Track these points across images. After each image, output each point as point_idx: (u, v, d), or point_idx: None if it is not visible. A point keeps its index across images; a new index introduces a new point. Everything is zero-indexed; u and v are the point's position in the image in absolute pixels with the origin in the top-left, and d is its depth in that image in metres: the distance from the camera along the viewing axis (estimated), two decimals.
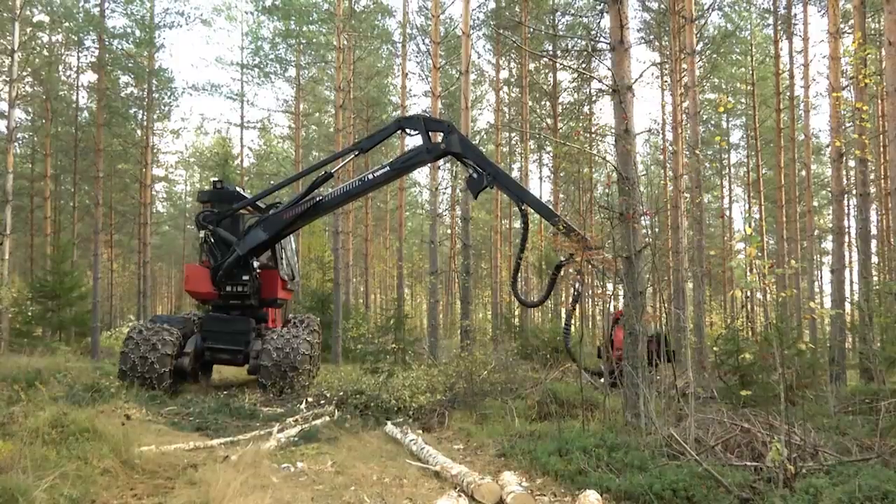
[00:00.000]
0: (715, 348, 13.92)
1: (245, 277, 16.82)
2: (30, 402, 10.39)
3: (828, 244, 46.10)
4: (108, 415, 11.02)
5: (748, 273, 7.68)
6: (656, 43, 36.62)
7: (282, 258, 18.24)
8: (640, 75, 11.36)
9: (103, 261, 37.32)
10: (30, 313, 29.39)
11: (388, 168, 15.92)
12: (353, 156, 17.16)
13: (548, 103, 39.38)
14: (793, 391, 12.08)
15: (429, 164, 18.49)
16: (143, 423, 11.53)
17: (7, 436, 8.34)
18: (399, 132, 17.00)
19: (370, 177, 16.02)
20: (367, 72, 37.71)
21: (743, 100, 39.96)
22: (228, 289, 16.92)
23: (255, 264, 17.15)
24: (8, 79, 31.85)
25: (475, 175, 14.92)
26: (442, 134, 15.43)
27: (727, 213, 47.97)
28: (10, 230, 28.19)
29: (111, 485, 7.39)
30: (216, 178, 18.89)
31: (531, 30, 32.54)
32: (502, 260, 38.40)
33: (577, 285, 13.64)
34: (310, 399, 14.89)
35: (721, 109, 11.38)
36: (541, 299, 17.25)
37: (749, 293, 19.29)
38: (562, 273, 14.21)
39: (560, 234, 13.54)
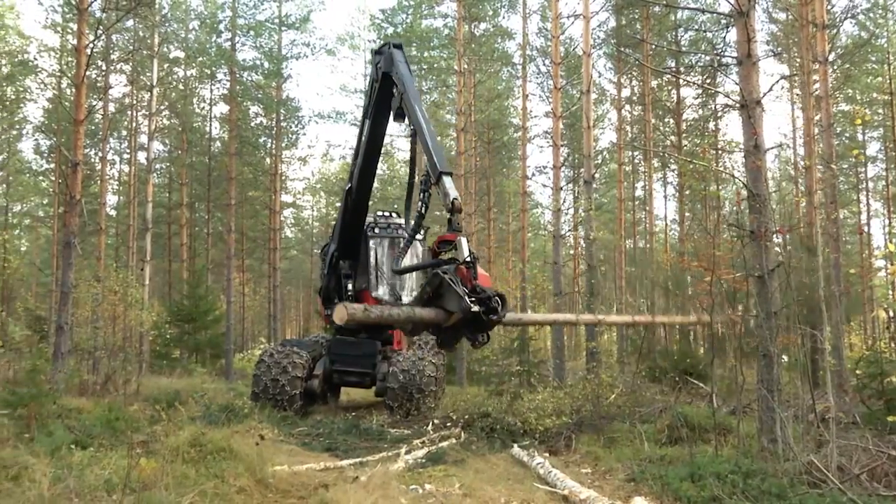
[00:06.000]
0: (857, 371, 13.23)
1: (335, 301, 16.91)
2: (170, 422, 10.80)
3: None
4: (243, 435, 11.33)
5: (892, 292, 7.29)
6: (784, 55, 35.39)
7: (376, 278, 17.81)
8: (770, 89, 11.00)
9: (235, 285, 38.59)
10: (168, 336, 30.57)
11: (364, 119, 15.63)
12: (367, 122, 15.69)
13: (671, 120, 38.56)
14: None
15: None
16: (276, 443, 11.82)
17: (150, 454, 8.74)
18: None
19: (362, 139, 15.76)
20: (487, 95, 37.87)
21: (880, 110, 38.08)
22: (328, 313, 17.29)
23: (349, 286, 17.32)
24: (148, 113, 33.77)
25: (395, 92, 13.88)
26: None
27: (865, 229, 45.71)
28: (150, 256, 29.66)
29: (247, 503, 7.59)
30: None
31: (653, 47, 32.00)
32: (626, 281, 37.66)
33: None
34: (436, 421, 14.88)
35: (857, 122, 10.90)
36: (401, 270, 15.77)
37: (893, 313, 18.27)
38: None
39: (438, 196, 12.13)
